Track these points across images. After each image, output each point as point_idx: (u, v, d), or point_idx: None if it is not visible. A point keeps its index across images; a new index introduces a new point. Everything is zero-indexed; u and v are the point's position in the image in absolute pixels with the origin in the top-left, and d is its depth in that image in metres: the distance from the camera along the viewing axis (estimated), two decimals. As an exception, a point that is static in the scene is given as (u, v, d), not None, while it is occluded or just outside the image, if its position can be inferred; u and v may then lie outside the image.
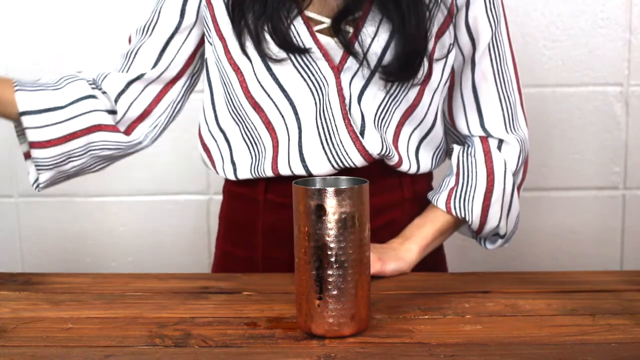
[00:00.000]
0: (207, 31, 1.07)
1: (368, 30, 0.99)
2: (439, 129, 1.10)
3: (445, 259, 1.20)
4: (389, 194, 1.07)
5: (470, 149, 1.09)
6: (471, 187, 1.06)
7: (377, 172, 1.04)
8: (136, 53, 1.09)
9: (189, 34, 1.08)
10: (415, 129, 1.06)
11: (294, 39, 0.99)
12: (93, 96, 1.07)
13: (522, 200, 1.72)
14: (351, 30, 0.99)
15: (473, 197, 1.06)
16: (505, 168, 1.07)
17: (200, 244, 1.74)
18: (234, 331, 0.81)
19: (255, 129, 1.05)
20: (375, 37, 0.99)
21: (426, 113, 1.06)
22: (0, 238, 1.77)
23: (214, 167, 1.11)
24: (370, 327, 0.81)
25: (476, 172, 1.07)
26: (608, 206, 1.70)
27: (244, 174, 1.07)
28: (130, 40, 1.12)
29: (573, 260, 1.71)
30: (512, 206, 1.09)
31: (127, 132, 1.10)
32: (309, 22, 1.00)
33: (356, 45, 0.99)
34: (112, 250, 1.75)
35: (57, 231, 1.75)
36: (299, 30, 0.99)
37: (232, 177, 1.09)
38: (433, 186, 1.16)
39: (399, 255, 1.02)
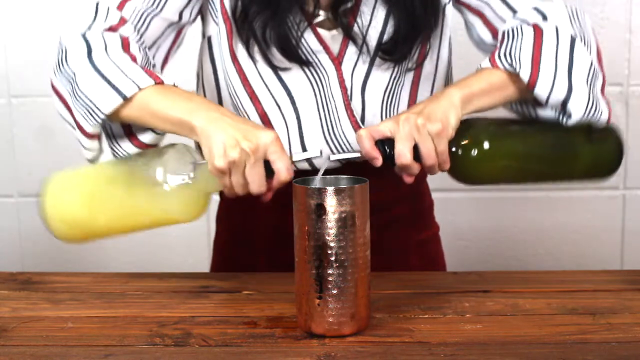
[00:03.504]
0: (212, 11, 1.03)
1: (365, 14, 0.99)
2: None
3: (444, 255, 1.19)
4: (392, 190, 1.06)
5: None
6: (517, 41, 0.95)
7: (380, 167, 1.03)
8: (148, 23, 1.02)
9: (192, 9, 1.04)
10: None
11: (302, 51, 0.98)
12: None
13: (522, 200, 1.74)
14: (349, 16, 0.99)
15: (520, 47, 0.95)
16: (557, 27, 0.96)
17: (200, 244, 1.74)
18: (234, 330, 0.81)
19: (249, 119, 1.04)
20: (372, 19, 0.99)
21: (434, 81, 1.04)
22: (0, 238, 1.77)
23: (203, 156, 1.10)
24: (370, 327, 0.81)
25: (522, 32, 0.96)
26: (608, 206, 1.70)
27: None
28: None
29: (573, 260, 1.71)
30: (573, 63, 0.94)
31: None
32: (310, 18, 0.99)
33: (355, 29, 0.99)
34: (112, 250, 1.75)
35: (57, 231, 1.75)
36: (305, 35, 0.99)
37: None
38: (427, 183, 1.16)
39: (440, 110, 0.89)
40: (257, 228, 1.09)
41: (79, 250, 1.76)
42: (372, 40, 0.99)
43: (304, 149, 1.02)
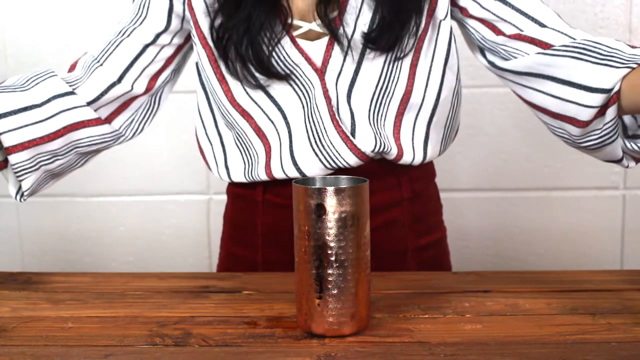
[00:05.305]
0: (194, 38, 1.06)
1: (351, 14, 0.99)
2: (444, 108, 1.05)
3: (450, 261, 1.19)
4: (387, 193, 1.06)
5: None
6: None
7: (375, 171, 1.03)
8: (117, 45, 1.06)
9: (174, 36, 1.07)
10: (417, 115, 1.03)
11: (280, 66, 1.00)
12: (71, 92, 1.01)
13: (522, 200, 1.74)
14: (335, 13, 0.99)
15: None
16: None
17: (200, 244, 1.75)
18: (234, 330, 0.81)
19: (246, 135, 1.05)
20: (359, 17, 0.99)
21: (424, 96, 1.02)
22: (0, 238, 1.77)
23: (209, 168, 1.12)
24: (370, 327, 0.81)
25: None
26: (608, 206, 1.70)
27: (238, 177, 1.08)
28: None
29: (573, 260, 1.71)
30: None
31: (109, 120, 1.06)
32: (290, 30, 1.00)
33: (340, 30, 0.99)
34: (112, 250, 1.75)
35: (57, 231, 1.75)
36: (284, 44, 0.99)
37: (226, 179, 1.10)
38: (437, 184, 1.16)
39: None
40: (258, 227, 1.09)
41: (79, 251, 1.76)
42: (359, 35, 0.99)
43: (294, 163, 1.02)
